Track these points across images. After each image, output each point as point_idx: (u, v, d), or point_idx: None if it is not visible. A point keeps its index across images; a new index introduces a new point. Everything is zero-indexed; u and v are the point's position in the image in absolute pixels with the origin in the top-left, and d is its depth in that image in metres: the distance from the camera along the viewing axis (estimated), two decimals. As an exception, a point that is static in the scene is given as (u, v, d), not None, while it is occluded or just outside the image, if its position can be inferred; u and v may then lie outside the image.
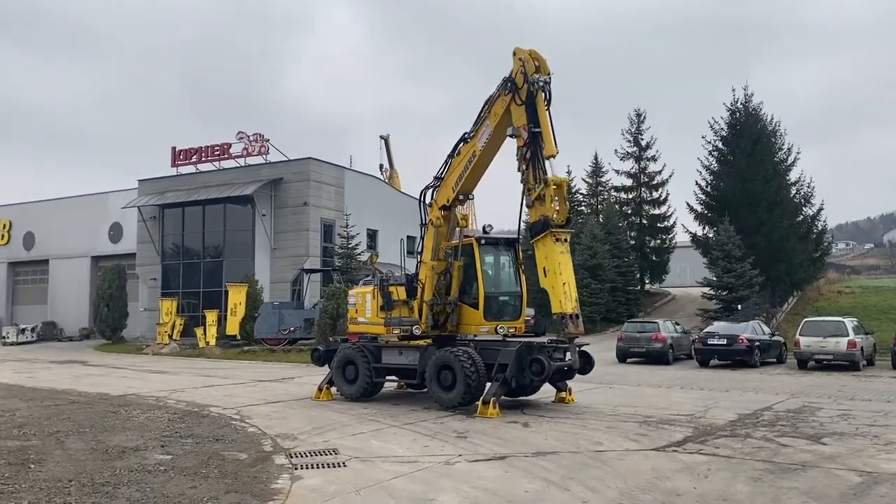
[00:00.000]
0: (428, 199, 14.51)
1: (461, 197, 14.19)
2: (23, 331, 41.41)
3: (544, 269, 11.99)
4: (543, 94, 12.50)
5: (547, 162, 12.24)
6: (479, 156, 13.62)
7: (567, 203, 12.09)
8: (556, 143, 12.28)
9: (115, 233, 44.30)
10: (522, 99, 12.54)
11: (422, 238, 14.43)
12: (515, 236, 14.68)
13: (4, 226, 49.71)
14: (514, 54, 12.88)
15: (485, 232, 15.03)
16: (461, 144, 13.95)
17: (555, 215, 11.92)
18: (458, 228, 14.19)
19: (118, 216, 43.10)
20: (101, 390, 16.90)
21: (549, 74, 12.54)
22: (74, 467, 8.34)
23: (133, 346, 34.80)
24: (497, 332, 13.63)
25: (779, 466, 8.41)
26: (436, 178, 14.37)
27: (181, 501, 6.88)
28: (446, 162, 14.22)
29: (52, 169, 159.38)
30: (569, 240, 12.08)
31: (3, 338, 40.74)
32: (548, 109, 12.48)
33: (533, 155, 12.34)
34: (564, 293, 11.58)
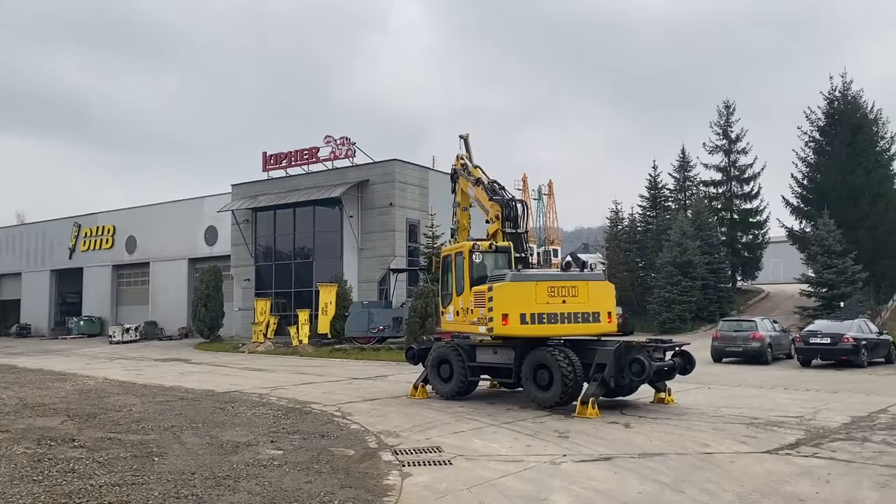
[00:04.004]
0: None
1: None
2: (127, 330, 43.54)
3: None
4: None
5: None
6: None
7: None
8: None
9: (211, 236, 46.12)
10: None
11: None
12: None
13: (109, 231, 52.51)
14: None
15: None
16: None
17: None
18: None
19: (213, 220, 44.88)
20: (206, 387, 17.63)
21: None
22: (194, 461, 8.73)
23: (230, 344, 36.11)
24: None
25: (906, 472, 8.00)
26: None
27: (299, 496, 7.11)
28: None
29: (151, 175, 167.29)
30: None
31: (110, 337, 43.04)
32: None
33: None
34: None
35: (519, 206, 15.58)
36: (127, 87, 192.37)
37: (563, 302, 13.26)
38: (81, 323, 50.18)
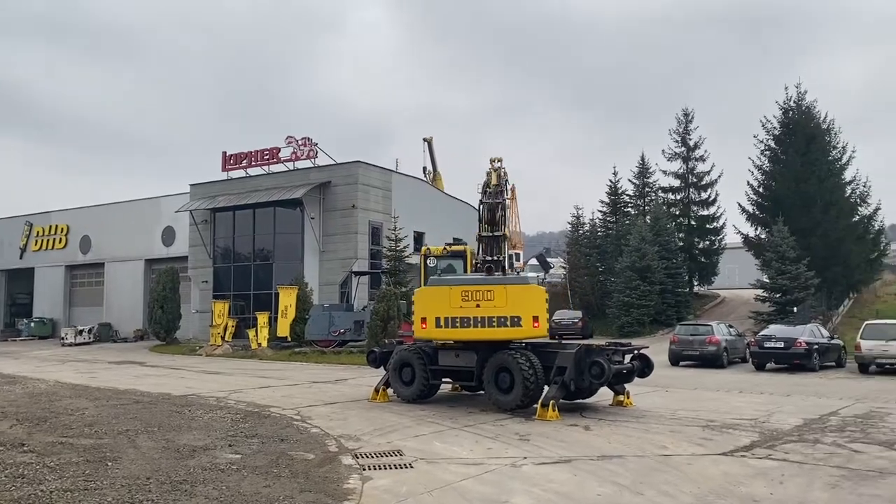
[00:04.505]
0: None
1: None
2: (80, 332, 42.53)
3: None
4: None
5: None
6: None
7: None
8: None
9: (168, 236, 45.31)
10: None
11: None
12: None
13: (62, 230, 51.23)
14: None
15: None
16: None
17: None
18: None
19: (171, 220, 44.12)
20: (162, 390, 17.28)
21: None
22: (150, 465, 8.54)
23: (186, 347, 35.48)
24: None
25: (855, 473, 8.21)
26: None
27: (258, 500, 7.00)
28: None
29: (108, 174, 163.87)
30: None
31: (62, 339, 41.98)
32: None
33: None
34: None
35: (498, 208, 15.45)
36: (79, 85, 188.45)
37: (477, 306, 13.28)
38: (32, 324, 48.85)
